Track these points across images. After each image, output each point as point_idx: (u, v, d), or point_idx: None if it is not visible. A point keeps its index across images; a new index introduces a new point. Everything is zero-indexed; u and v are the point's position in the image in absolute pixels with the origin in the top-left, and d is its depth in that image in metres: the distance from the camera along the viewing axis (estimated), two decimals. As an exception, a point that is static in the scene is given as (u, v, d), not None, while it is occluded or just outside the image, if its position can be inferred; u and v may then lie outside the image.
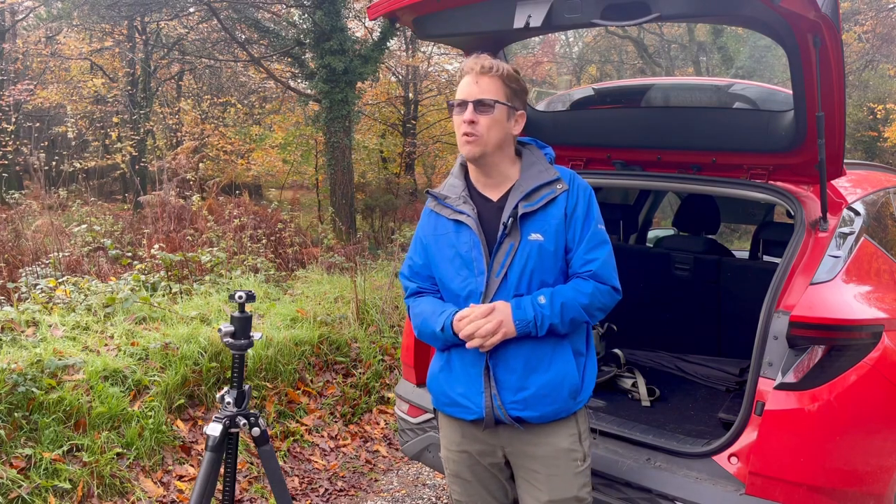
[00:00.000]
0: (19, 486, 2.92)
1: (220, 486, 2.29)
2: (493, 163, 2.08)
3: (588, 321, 2.08)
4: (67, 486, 3.06)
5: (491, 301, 2.02)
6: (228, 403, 2.23)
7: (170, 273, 5.80)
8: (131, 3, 12.70)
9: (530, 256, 2.02)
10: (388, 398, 4.81)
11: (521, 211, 2.02)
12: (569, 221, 2.05)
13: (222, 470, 2.27)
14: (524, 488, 2.14)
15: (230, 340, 2.21)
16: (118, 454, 3.33)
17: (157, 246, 6.07)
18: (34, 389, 3.25)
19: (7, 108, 14.31)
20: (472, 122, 2.00)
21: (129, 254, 6.31)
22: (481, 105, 2.01)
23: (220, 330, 2.21)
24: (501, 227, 2.03)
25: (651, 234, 5.41)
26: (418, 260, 2.24)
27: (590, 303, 2.03)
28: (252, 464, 3.72)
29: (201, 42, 15.91)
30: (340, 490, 3.84)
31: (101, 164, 15.94)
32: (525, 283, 2.03)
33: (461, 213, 2.09)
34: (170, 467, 3.50)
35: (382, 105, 18.81)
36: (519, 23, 2.37)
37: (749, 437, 2.34)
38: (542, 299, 1.99)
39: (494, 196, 2.11)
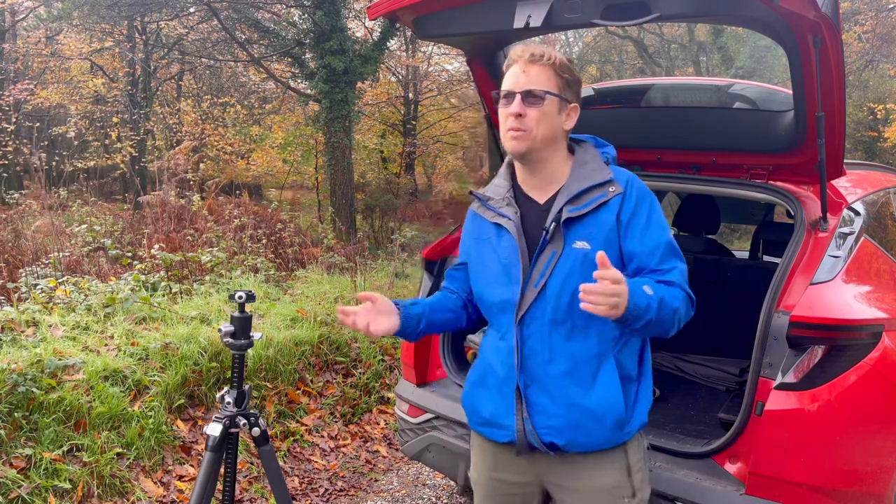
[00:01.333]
0: (19, 486, 2.92)
1: (220, 486, 2.29)
2: (541, 160, 1.87)
3: (666, 333, 1.77)
4: (67, 486, 3.06)
5: (524, 314, 1.82)
6: (228, 403, 2.23)
7: (170, 273, 5.80)
8: (131, 3, 12.71)
9: (574, 267, 1.78)
10: (388, 398, 4.81)
11: (565, 215, 1.80)
12: (624, 229, 1.81)
13: (222, 470, 2.27)
14: None
15: (230, 340, 2.21)
16: (118, 454, 3.33)
17: (157, 246, 6.07)
18: (34, 389, 3.25)
19: (7, 108, 14.31)
20: (519, 116, 1.79)
21: (129, 254, 6.31)
22: (530, 96, 1.80)
23: (220, 330, 2.21)
24: (543, 232, 1.82)
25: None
26: (460, 266, 2.08)
27: (679, 309, 1.75)
28: (252, 464, 3.72)
29: (201, 42, 15.92)
30: (340, 490, 3.84)
31: (101, 164, 15.96)
32: (566, 296, 1.78)
33: (503, 215, 1.90)
34: (170, 467, 3.50)
35: (382, 105, 18.83)
36: (519, 23, 2.37)
37: (749, 437, 2.34)
38: (647, 289, 1.68)
39: (541, 198, 1.90)
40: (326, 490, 3.80)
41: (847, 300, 2.39)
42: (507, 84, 1.85)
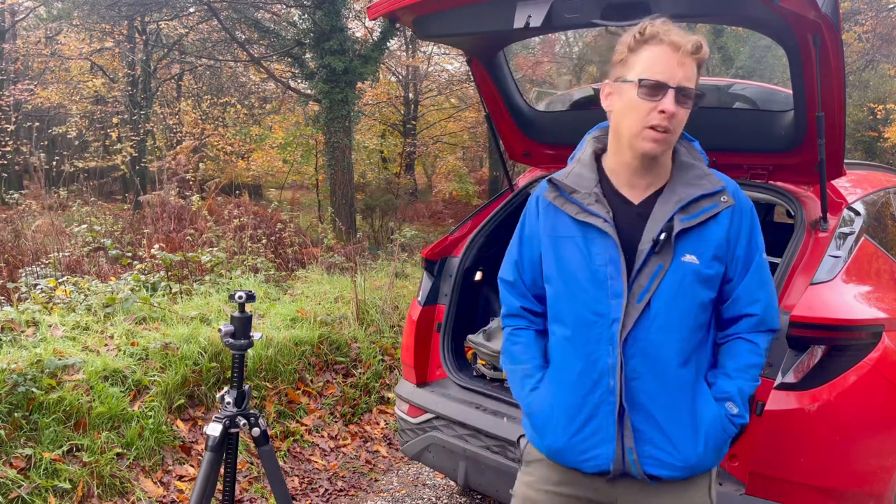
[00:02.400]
0: (19, 486, 2.92)
1: (220, 486, 2.29)
2: (660, 161, 1.67)
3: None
4: (67, 486, 3.06)
5: (628, 333, 1.61)
6: (228, 403, 2.23)
7: (170, 273, 5.80)
8: (131, 3, 12.72)
9: (683, 282, 1.62)
10: (388, 398, 4.81)
11: (678, 226, 1.61)
12: (732, 246, 1.67)
13: (222, 470, 2.27)
14: None
15: (230, 340, 2.21)
16: (118, 454, 3.33)
17: (157, 246, 6.07)
18: (34, 389, 3.24)
19: (7, 109, 14.32)
20: (672, 115, 1.57)
21: (129, 254, 6.31)
22: (683, 94, 1.58)
23: (220, 330, 2.21)
24: (650, 242, 1.62)
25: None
26: (526, 265, 1.80)
27: (762, 363, 1.70)
28: (252, 464, 3.72)
29: (201, 42, 15.93)
30: (340, 490, 3.84)
31: (101, 165, 15.95)
32: (677, 315, 1.62)
33: (595, 214, 1.65)
34: (170, 467, 3.50)
35: (382, 105, 18.83)
36: (519, 23, 2.37)
37: (749, 437, 2.34)
38: (732, 408, 1.64)
39: (636, 198, 1.68)
40: (326, 490, 3.80)
41: (847, 300, 2.40)
42: (653, 73, 1.58)
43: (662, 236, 1.61)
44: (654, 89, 1.57)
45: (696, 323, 1.65)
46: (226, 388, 2.26)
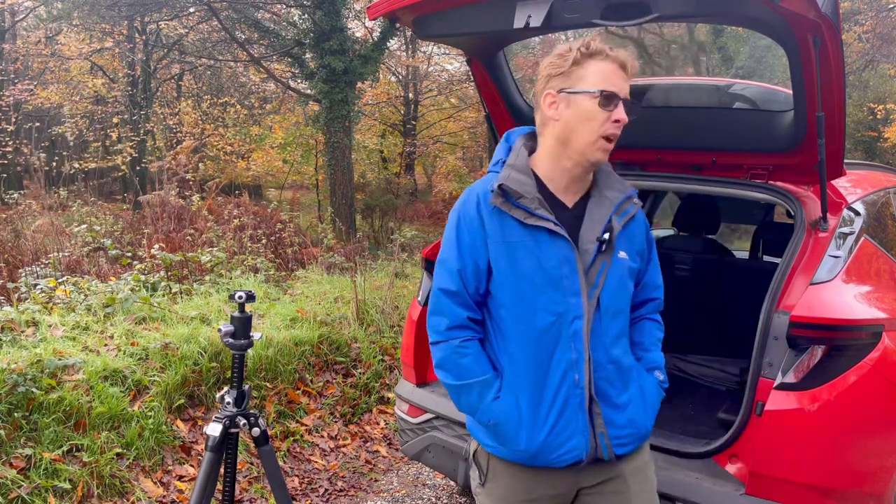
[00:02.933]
0: (19, 486, 2.92)
1: (220, 486, 2.29)
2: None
3: None
4: (67, 486, 3.06)
5: (588, 329, 1.73)
6: (228, 403, 2.23)
7: (170, 273, 5.80)
8: (131, 3, 12.72)
9: (622, 277, 1.79)
10: (388, 398, 4.81)
11: (616, 227, 1.77)
12: (643, 241, 1.89)
13: (222, 470, 2.27)
14: None
15: (230, 340, 2.21)
16: (118, 454, 3.33)
17: (157, 246, 6.07)
18: (34, 389, 3.24)
19: (7, 109, 14.31)
20: (622, 125, 1.72)
21: (129, 254, 6.31)
22: (628, 106, 1.73)
23: (220, 330, 2.21)
24: (596, 242, 1.74)
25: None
26: (470, 274, 1.78)
27: (661, 338, 1.99)
28: (252, 464, 3.72)
29: (201, 42, 15.92)
30: (340, 490, 3.84)
31: (101, 166, 15.95)
32: (619, 306, 1.80)
33: (544, 218, 1.71)
34: (170, 467, 3.50)
35: (382, 105, 18.83)
36: (519, 23, 2.36)
37: (749, 437, 2.34)
38: (660, 375, 1.91)
39: (569, 201, 1.80)
40: (326, 490, 3.80)
41: (847, 300, 2.39)
42: (609, 85, 1.70)
43: (606, 236, 1.75)
44: (609, 100, 1.69)
45: (627, 312, 1.87)
46: (226, 388, 2.26)
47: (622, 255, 1.79)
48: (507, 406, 1.75)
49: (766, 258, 4.20)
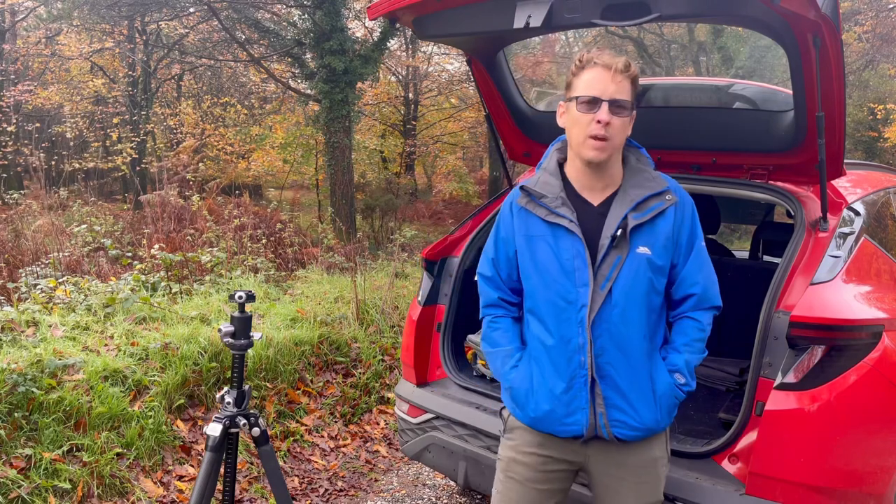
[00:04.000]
0: (19, 486, 2.92)
1: (220, 486, 2.29)
2: (609, 166, 1.95)
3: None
4: (67, 486, 3.06)
5: (594, 316, 1.89)
6: (228, 403, 2.23)
7: (170, 273, 5.80)
8: (131, 3, 12.70)
9: (639, 271, 1.90)
10: (388, 398, 4.81)
11: (631, 223, 1.90)
12: (676, 236, 1.96)
13: (222, 470, 2.27)
14: (607, 496, 2.03)
15: (230, 340, 2.21)
16: (118, 454, 3.33)
17: (157, 246, 6.08)
18: (34, 389, 3.25)
19: (7, 110, 14.31)
20: (607, 124, 1.86)
21: (130, 254, 6.31)
22: (617, 106, 1.86)
23: (220, 330, 2.21)
24: (609, 238, 1.90)
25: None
26: (502, 262, 2.08)
27: (705, 337, 2.01)
28: (252, 464, 3.72)
29: (201, 42, 15.92)
30: (340, 490, 3.84)
31: (101, 167, 15.95)
32: (635, 299, 1.91)
33: (561, 216, 1.93)
34: (170, 467, 3.50)
35: (382, 105, 18.82)
36: (519, 23, 2.37)
37: (749, 437, 2.34)
38: (680, 378, 1.96)
39: (595, 200, 1.97)
40: (326, 490, 3.80)
41: (847, 300, 2.39)
42: (590, 89, 1.88)
43: (619, 232, 1.90)
44: (591, 104, 1.87)
45: (650, 305, 1.95)
46: (226, 388, 2.26)
47: (642, 249, 1.91)
48: (522, 375, 2.02)
49: (766, 258, 4.20)
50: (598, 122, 1.86)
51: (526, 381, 2.01)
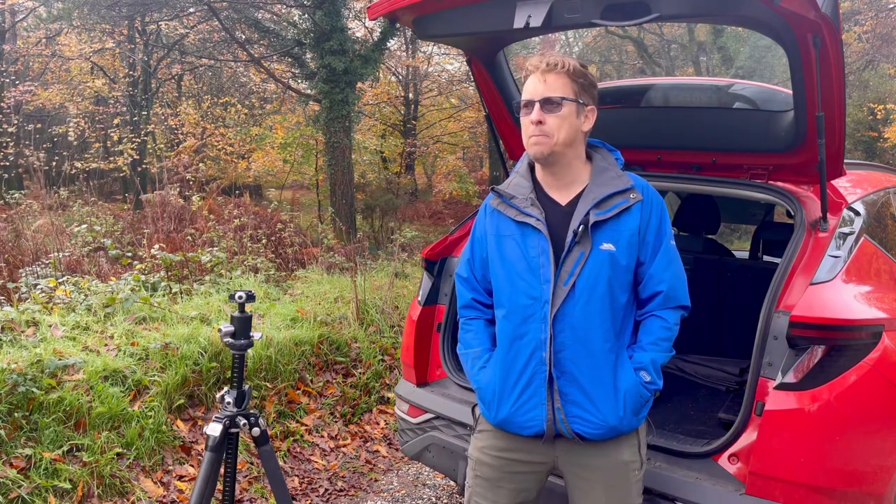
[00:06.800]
0: (19, 486, 2.93)
1: (220, 486, 2.29)
2: (564, 163, 1.99)
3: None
4: (67, 486, 3.06)
5: (556, 311, 1.91)
6: (228, 403, 2.23)
7: (170, 273, 5.80)
8: (131, 4, 12.70)
9: (602, 267, 1.92)
10: (388, 398, 4.81)
11: (592, 219, 1.93)
12: (642, 235, 1.97)
13: (222, 470, 2.27)
14: (578, 498, 2.04)
15: (230, 340, 2.21)
16: (118, 454, 3.33)
17: (157, 246, 6.07)
18: (34, 389, 3.25)
19: (7, 110, 14.31)
20: (539, 123, 1.92)
21: (130, 254, 6.31)
22: (548, 103, 1.92)
23: (220, 330, 2.21)
24: (571, 234, 1.93)
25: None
26: (477, 263, 2.14)
27: (672, 336, 2.01)
28: (252, 464, 3.72)
29: (201, 42, 15.91)
30: (340, 490, 3.84)
31: (102, 167, 15.94)
32: (598, 295, 1.92)
33: (529, 215, 1.98)
34: (170, 467, 3.50)
35: (382, 105, 18.81)
36: (519, 23, 2.37)
37: (749, 437, 2.34)
38: (646, 376, 1.95)
39: (563, 200, 2.01)
40: (326, 490, 3.80)
41: (847, 300, 2.39)
42: (526, 94, 1.96)
43: (580, 228, 1.93)
44: (527, 107, 1.95)
45: (615, 303, 1.95)
46: (226, 388, 2.26)
47: (606, 246, 1.93)
48: (488, 376, 2.05)
49: (766, 258, 4.20)
50: (532, 122, 1.93)
51: (491, 382, 2.03)
